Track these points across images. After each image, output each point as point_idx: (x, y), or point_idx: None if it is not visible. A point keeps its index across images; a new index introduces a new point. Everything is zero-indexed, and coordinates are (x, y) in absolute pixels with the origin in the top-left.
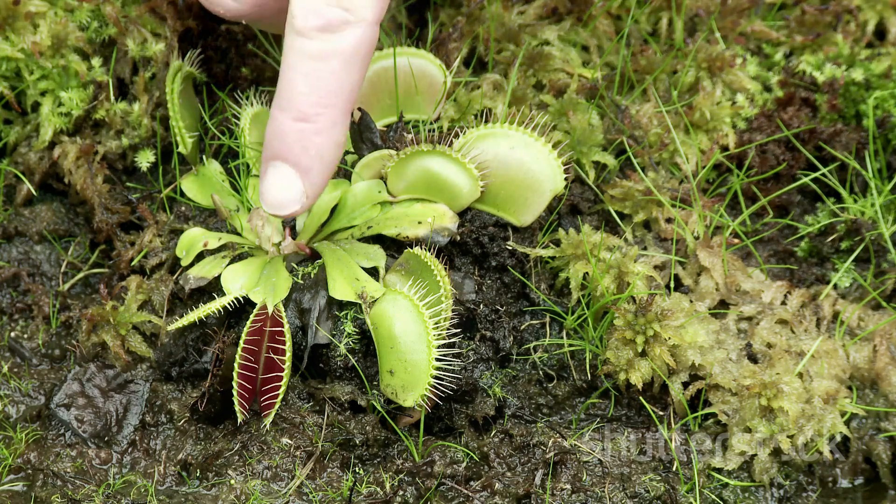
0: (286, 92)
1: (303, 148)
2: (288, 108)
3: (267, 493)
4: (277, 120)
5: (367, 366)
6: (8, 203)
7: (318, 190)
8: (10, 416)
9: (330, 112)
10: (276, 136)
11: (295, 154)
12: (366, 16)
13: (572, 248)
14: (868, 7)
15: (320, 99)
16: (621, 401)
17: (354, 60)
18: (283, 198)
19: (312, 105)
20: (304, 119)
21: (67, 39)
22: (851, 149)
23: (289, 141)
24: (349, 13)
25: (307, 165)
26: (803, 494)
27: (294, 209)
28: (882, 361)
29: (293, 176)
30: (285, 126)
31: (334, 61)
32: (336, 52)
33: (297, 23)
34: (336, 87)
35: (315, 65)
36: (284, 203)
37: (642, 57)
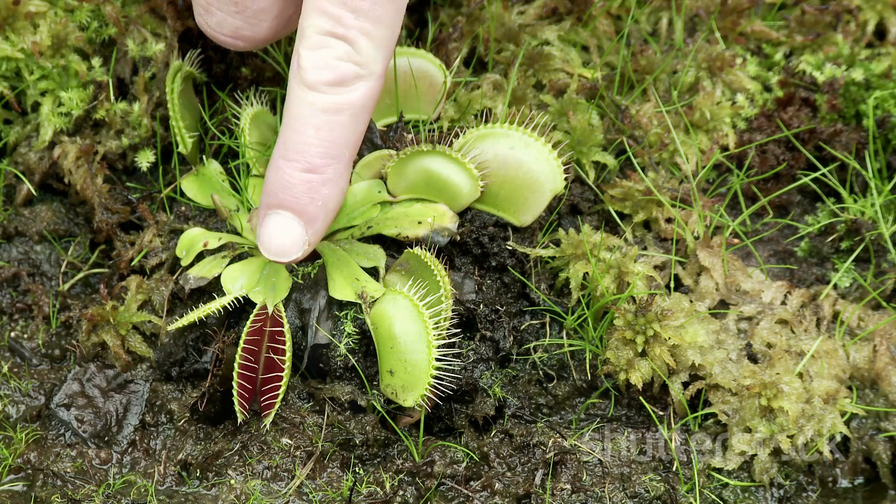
0: (294, 143)
1: (310, 199)
2: (296, 159)
3: (267, 493)
4: (283, 170)
5: (367, 366)
6: (8, 203)
7: (320, 237)
8: (10, 416)
9: (338, 163)
10: (281, 187)
11: (301, 204)
12: (376, 69)
13: (572, 248)
14: (868, 7)
15: (329, 150)
16: (621, 401)
17: (363, 112)
18: (287, 246)
19: (322, 157)
20: (312, 170)
21: (67, 39)
22: (851, 149)
23: (296, 192)
24: (361, 68)
25: (313, 215)
26: (803, 494)
27: (296, 256)
28: (882, 361)
29: (297, 224)
30: (293, 177)
31: (345, 114)
32: (348, 106)
33: (307, 76)
34: (345, 139)
35: (326, 118)
36: (287, 251)
37: (642, 57)
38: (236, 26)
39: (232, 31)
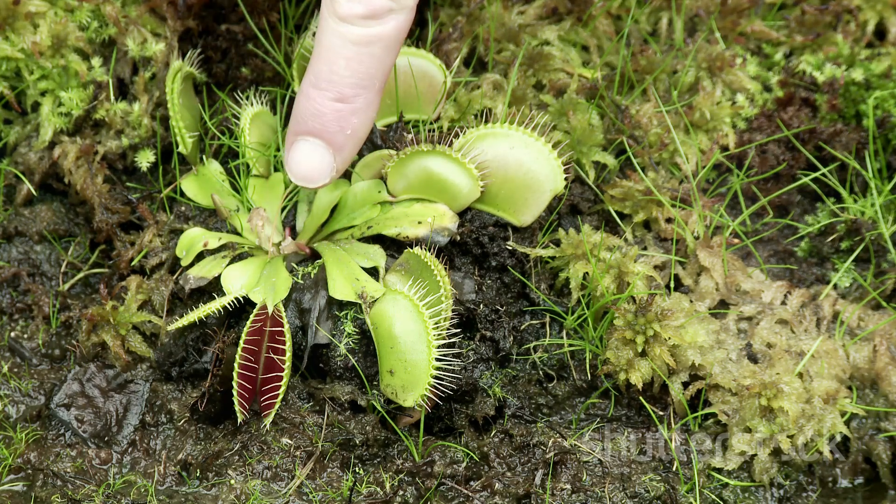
0: (326, 73)
1: (340, 127)
2: (327, 89)
3: (267, 493)
4: (314, 99)
5: (367, 366)
6: (8, 203)
7: (346, 165)
8: (10, 416)
9: (367, 93)
10: (311, 114)
11: (331, 132)
12: (407, 3)
13: (572, 248)
14: (868, 7)
15: (360, 81)
16: (621, 401)
17: (395, 45)
18: (315, 172)
19: (352, 87)
20: (343, 100)
21: (67, 39)
22: (851, 149)
23: (326, 120)
24: (393, 1)
25: (342, 143)
26: (803, 494)
27: (324, 181)
28: (882, 361)
29: (326, 151)
30: (324, 105)
31: (376, 46)
32: (379, 38)
33: (340, 9)
34: (376, 69)
35: (358, 49)
36: (316, 177)
37: (642, 57)
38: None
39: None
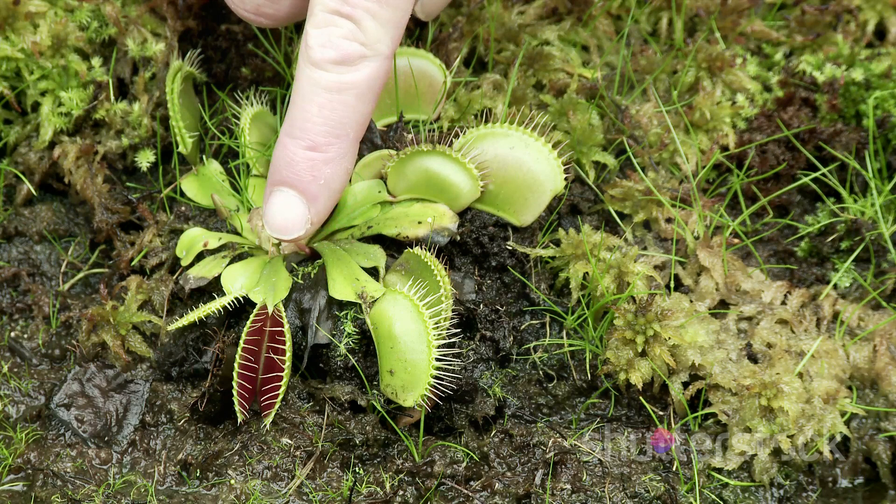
0: (299, 121)
1: (312, 177)
2: (300, 137)
3: (267, 493)
4: (288, 147)
5: (367, 366)
6: (8, 203)
7: (323, 217)
8: (10, 416)
9: (341, 143)
10: (285, 164)
11: (304, 182)
12: (382, 50)
13: (572, 248)
14: (868, 7)
15: (333, 129)
16: (621, 401)
17: (368, 93)
18: (289, 223)
19: (325, 135)
20: (315, 148)
21: (67, 39)
22: (851, 149)
23: (299, 169)
24: (366, 47)
25: (315, 193)
26: (803, 494)
27: (298, 234)
28: (882, 361)
29: (300, 202)
30: (297, 154)
31: (349, 94)
32: (351, 85)
33: (313, 54)
34: (349, 118)
35: (330, 96)
36: (289, 228)
37: (642, 57)
38: (258, 3)
39: (254, 8)
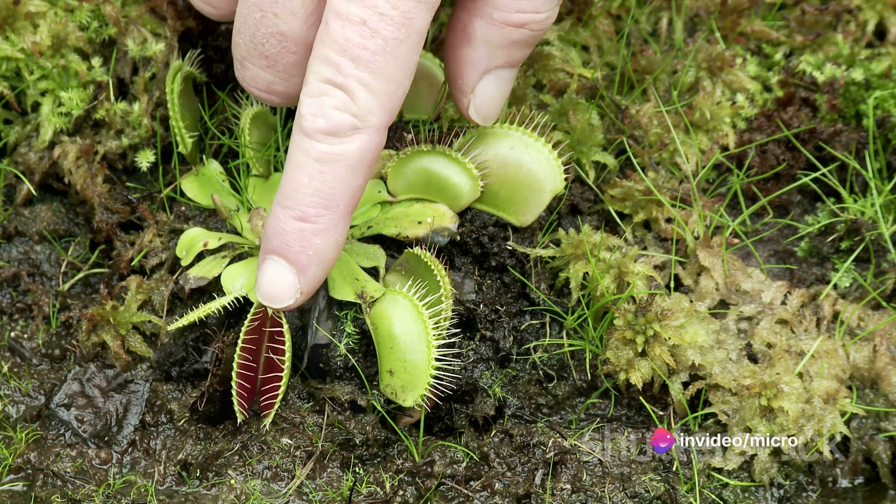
0: (290, 190)
1: (302, 248)
2: (290, 207)
3: (267, 493)
4: (279, 217)
5: (367, 366)
6: (8, 203)
7: (314, 286)
8: (10, 416)
9: (332, 214)
10: (276, 233)
11: (294, 252)
12: (374, 122)
13: (572, 248)
14: (868, 7)
15: (322, 201)
16: (621, 401)
17: (360, 166)
18: (279, 293)
19: (314, 206)
20: (304, 219)
21: (67, 39)
22: (851, 149)
23: (288, 239)
24: (357, 119)
25: (305, 264)
26: (803, 494)
27: (288, 303)
28: (882, 361)
29: (290, 272)
30: (287, 224)
31: (339, 166)
32: (342, 157)
33: (304, 123)
34: (339, 190)
35: (320, 167)
36: (279, 298)
37: (642, 57)
38: (269, 81)
39: (265, 86)
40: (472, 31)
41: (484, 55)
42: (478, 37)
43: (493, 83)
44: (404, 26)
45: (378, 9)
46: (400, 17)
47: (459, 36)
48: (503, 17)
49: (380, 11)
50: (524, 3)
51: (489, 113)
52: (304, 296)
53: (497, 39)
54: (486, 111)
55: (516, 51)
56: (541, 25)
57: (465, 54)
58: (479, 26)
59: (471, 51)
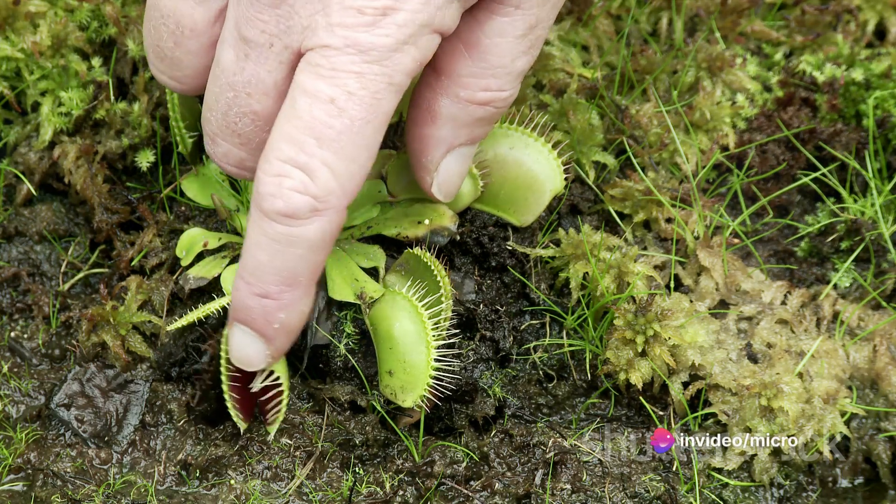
0: (251, 266)
1: (266, 322)
2: (252, 283)
3: (267, 493)
4: (242, 291)
5: (367, 366)
6: (8, 203)
7: (282, 351)
8: (10, 416)
9: (294, 290)
10: (241, 306)
11: (259, 325)
12: (334, 204)
13: (572, 248)
14: (868, 7)
15: (284, 279)
16: (621, 401)
17: (321, 244)
18: (249, 359)
19: (276, 283)
20: (267, 296)
21: (67, 39)
22: (851, 149)
23: (253, 314)
24: (317, 201)
25: (272, 335)
26: (803, 494)
27: (259, 367)
28: (882, 361)
29: (257, 340)
30: (250, 300)
31: (299, 247)
32: (301, 240)
33: (263, 203)
34: (301, 269)
35: (280, 248)
36: (250, 363)
37: (642, 57)
38: (242, 158)
39: (237, 162)
40: (437, 110)
41: (449, 133)
42: (443, 115)
43: (455, 160)
44: (372, 107)
45: (347, 88)
46: (369, 97)
47: (424, 114)
48: (469, 96)
49: (349, 90)
50: (491, 82)
51: (451, 190)
52: (274, 359)
53: (462, 118)
54: (449, 188)
55: (479, 128)
56: (504, 103)
57: (430, 133)
58: (445, 105)
59: (435, 129)
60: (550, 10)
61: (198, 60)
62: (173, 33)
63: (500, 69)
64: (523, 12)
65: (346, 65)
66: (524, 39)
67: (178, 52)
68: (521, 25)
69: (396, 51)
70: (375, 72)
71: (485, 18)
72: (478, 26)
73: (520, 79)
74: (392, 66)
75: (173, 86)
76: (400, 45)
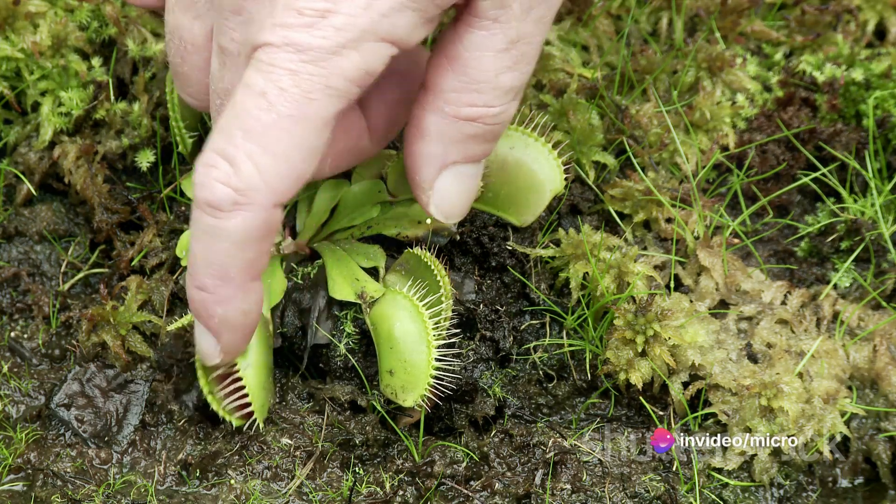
0: (191, 258)
1: (208, 315)
2: (192, 275)
3: (267, 493)
4: (187, 282)
5: (367, 366)
6: (8, 203)
7: (234, 348)
8: (10, 416)
9: (228, 286)
10: (188, 297)
11: (203, 318)
12: (258, 200)
13: (572, 248)
14: (868, 7)
15: (216, 273)
16: (621, 401)
17: (248, 242)
18: (205, 352)
19: (210, 277)
20: (203, 289)
21: (67, 39)
22: (851, 149)
23: (196, 306)
24: (238, 194)
25: (216, 329)
26: (803, 494)
27: (214, 361)
28: (882, 361)
29: (208, 335)
30: (191, 292)
31: (225, 241)
32: (225, 233)
33: (195, 192)
34: (231, 264)
35: (208, 240)
36: (207, 356)
37: (642, 57)
38: None
39: None
40: (425, 126)
41: (439, 150)
42: (432, 131)
43: (452, 180)
44: (303, 106)
45: (280, 84)
46: (301, 96)
47: (414, 131)
48: (455, 111)
49: (281, 86)
50: (475, 97)
51: (451, 211)
52: (228, 356)
53: (451, 134)
54: (448, 209)
55: (473, 145)
56: (495, 120)
57: (420, 149)
58: (433, 121)
59: (425, 146)
60: (534, 26)
61: (203, 75)
62: (178, 49)
63: (484, 84)
64: (501, 26)
65: (283, 62)
66: (506, 54)
67: (185, 68)
68: (500, 39)
69: (335, 54)
70: (310, 71)
71: (464, 32)
72: (458, 40)
73: (509, 95)
74: (329, 69)
75: (192, 102)
76: (338, 49)
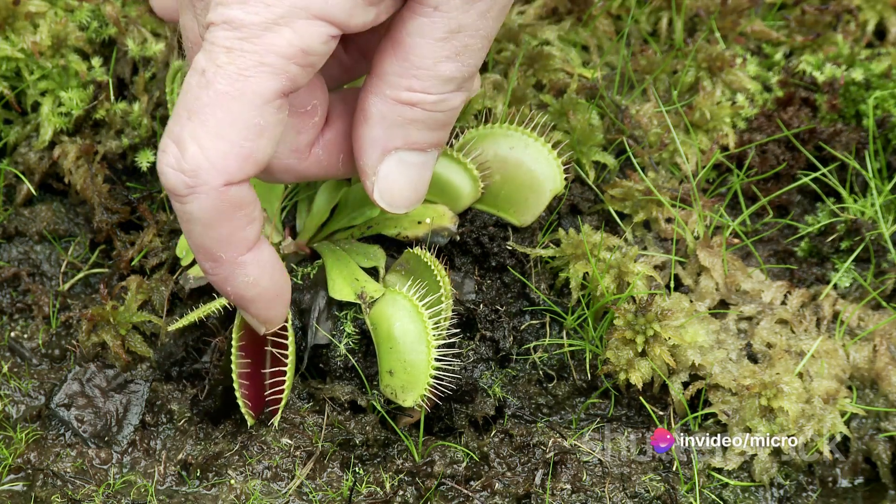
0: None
1: (226, 293)
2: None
3: (267, 493)
4: None
5: (367, 366)
6: (8, 203)
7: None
8: (10, 416)
9: (220, 265)
10: None
11: (225, 293)
12: (208, 181)
13: (572, 248)
14: (868, 7)
15: (206, 255)
16: (621, 401)
17: (215, 222)
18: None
19: (204, 259)
20: (207, 272)
21: (67, 39)
22: (851, 149)
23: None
24: (188, 177)
25: (239, 304)
26: (803, 494)
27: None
28: (882, 361)
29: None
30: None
31: (195, 224)
32: (191, 217)
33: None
34: (210, 244)
35: (185, 225)
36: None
37: (642, 57)
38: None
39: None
40: (367, 109)
41: (381, 134)
42: (374, 114)
43: (396, 166)
44: (238, 83)
45: (217, 61)
46: (236, 72)
47: (359, 115)
48: (395, 95)
49: (217, 63)
50: (413, 82)
51: (395, 199)
52: (268, 324)
53: (392, 117)
54: (392, 197)
55: (415, 131)
56: (434, 107)
57: (364, 133)
58: (374, 103)
59: (368, 129)
60: (477, 18)
61: None
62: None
63: (423, 70)
64: (442, 14)
65: (220, 39)
66: (446, 43)
67: None
68: (441, 28)
69: (267, 30)
70: (245, 48)
71: (408, 17)
72: (402, 26)
73: (450, 85)
74: (263, 46)
75: None
76: (270, 25)
